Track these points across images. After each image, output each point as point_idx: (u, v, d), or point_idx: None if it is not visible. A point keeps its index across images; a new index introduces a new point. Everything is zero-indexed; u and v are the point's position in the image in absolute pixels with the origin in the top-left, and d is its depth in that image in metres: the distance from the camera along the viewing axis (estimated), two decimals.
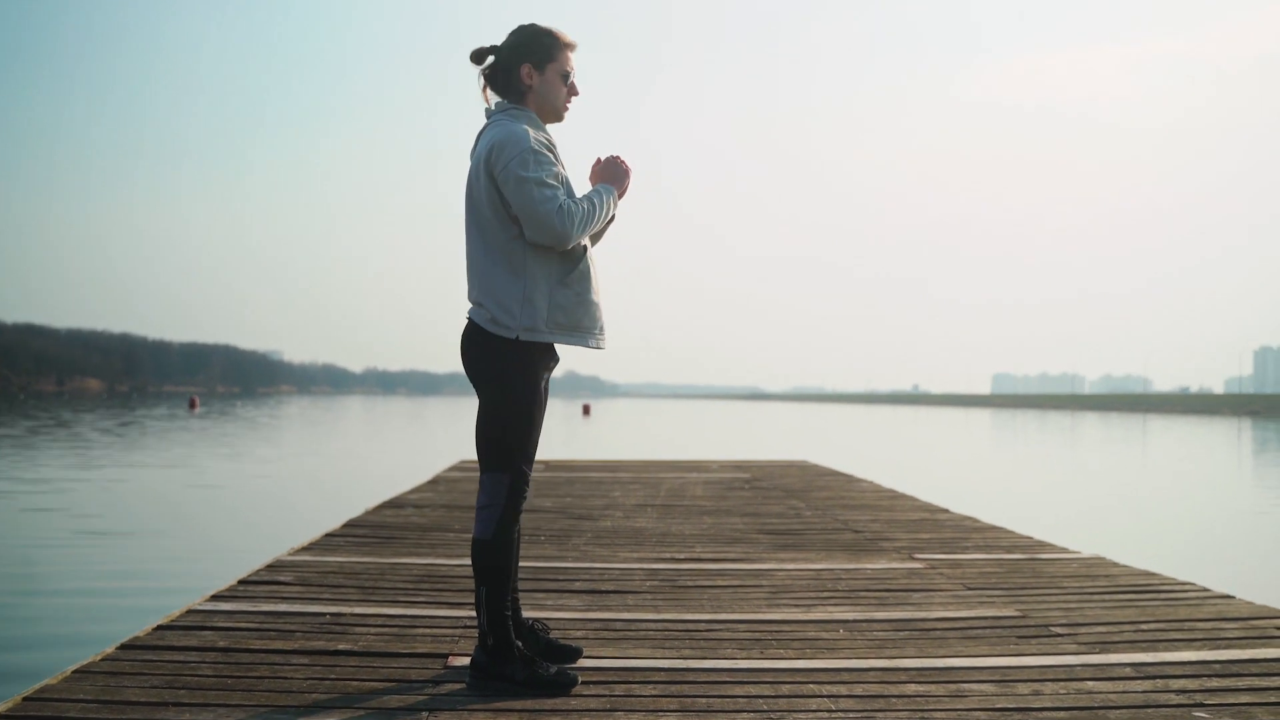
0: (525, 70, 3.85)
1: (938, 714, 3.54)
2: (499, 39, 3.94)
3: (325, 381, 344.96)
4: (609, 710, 3.56)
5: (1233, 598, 5.53)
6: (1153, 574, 6.30)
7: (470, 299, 3.87)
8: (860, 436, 46.15)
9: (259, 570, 6.07)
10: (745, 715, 3.52)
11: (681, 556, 6.86)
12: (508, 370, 3.78)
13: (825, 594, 5.64)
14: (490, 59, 3.92)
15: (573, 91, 3.95)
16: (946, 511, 9.68)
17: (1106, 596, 5.59)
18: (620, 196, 3.99)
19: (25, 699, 3.53)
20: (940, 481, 20.18)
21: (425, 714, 3.49)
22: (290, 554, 6.70)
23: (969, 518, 9.19)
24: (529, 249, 3.75)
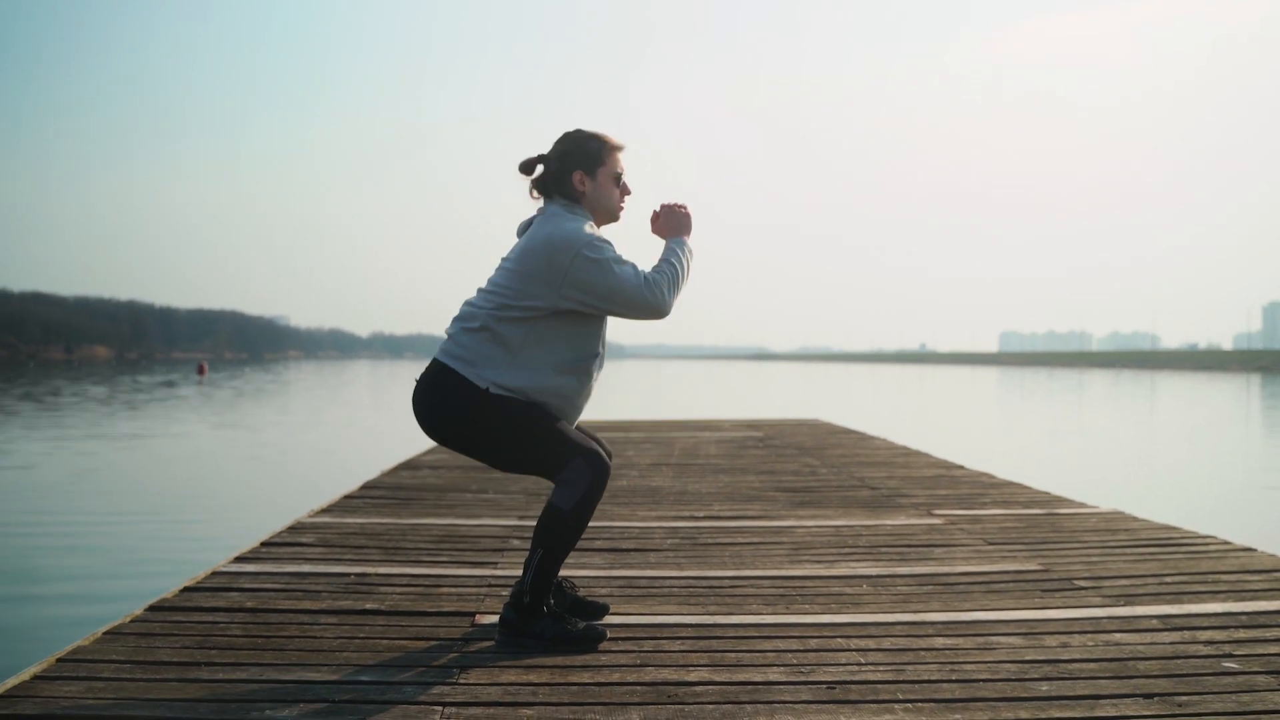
0: (577, 177, 3.84)
1: (968, 666, 3.55)
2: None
3: (332, 346, 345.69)
4: (639, 665, 3.57)
5: (1255, 550, 5.52)
6: (1173, 528, 6.30)
7: (449, 330, 3.83)
8: (869, 395, 46.17)
9: (280, 532, 6.09)
10: (775, 669, 3.53)
11: (700, 514, 6.87)
12: (470, 408, 3.72)
13: (846, 550, 5.65)
14: (539, 169, 3.91)
15: (625, 191, 3.93)
16: (962, 468, 9.68)
17: (1128, 550, 5.59)
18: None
19: (59, 660, 3.54)
20: (952, 438, 20.19)
21: (457, 670, 3.51)
22: (310, 516, 6.72)
23: (985, 474, 9.19)
24: (543, 333, 3.72)
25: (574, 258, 3.65)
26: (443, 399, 3.77)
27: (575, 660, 3.61)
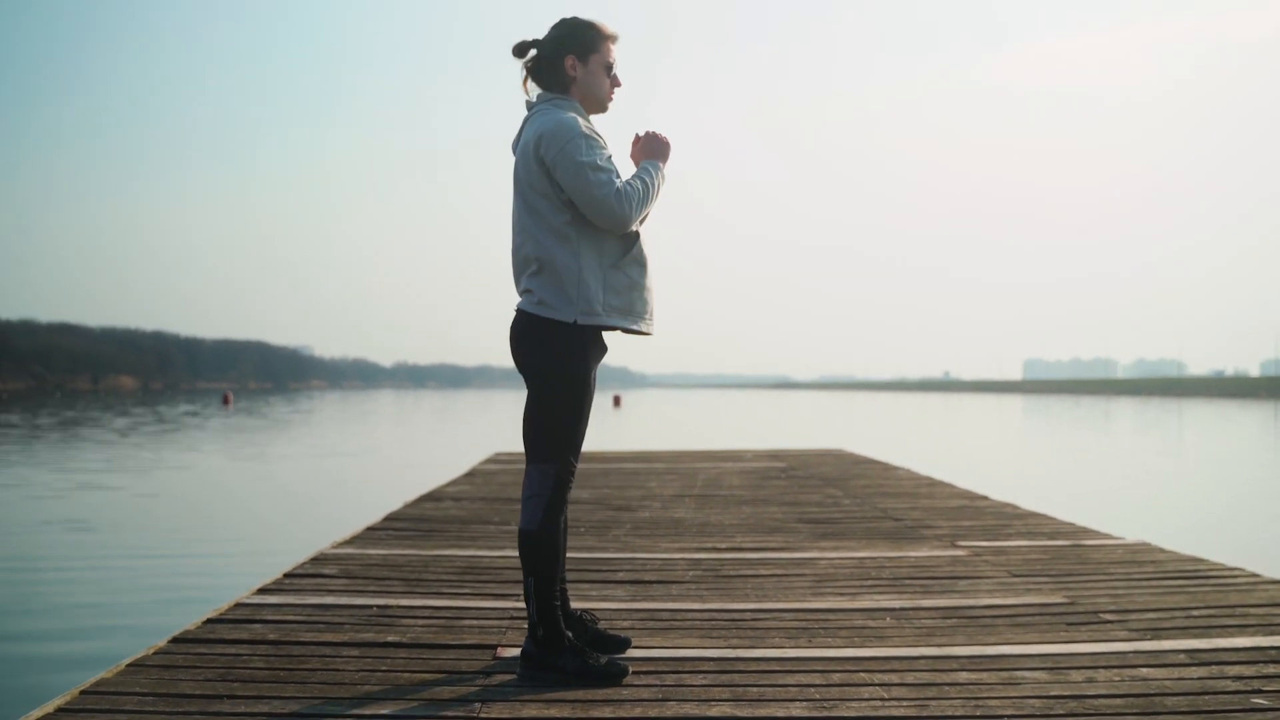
0: (569, 62, 3.88)
1: (992, 701, 3.52)
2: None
3: (356, 376, 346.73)
4: (661, 700, 3.55)
5: None
6: (1200, 559, 6.24)
7: (520, 289, 3.86)
8: (893, 424, 45.98)
9: (303, 564, 6.10)
10: (798, 704, 3.51)
11: (723, 546, 6.85)
12: (561, 359, 3.77)
13: (870, 582, 5.62)
14: (533, 52, 3.95)
15: (615, 83, 3.98)
16: (986, 499, 9.63)
17: (1155, 582, 5.54)
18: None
19: (83, 692, 3.56)
20: (976, 468, 20.08)
21: (478, 705, 3.50)
22: (333, 547, 6.73)
23: (1009, 505, 9.13)
24: (582, 234, 3.76)
25: (558, 153, 3.69)
26: (532, 343, 3.81)
27: (596, 694, 3.60)
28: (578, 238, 3.76)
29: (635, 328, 3.85)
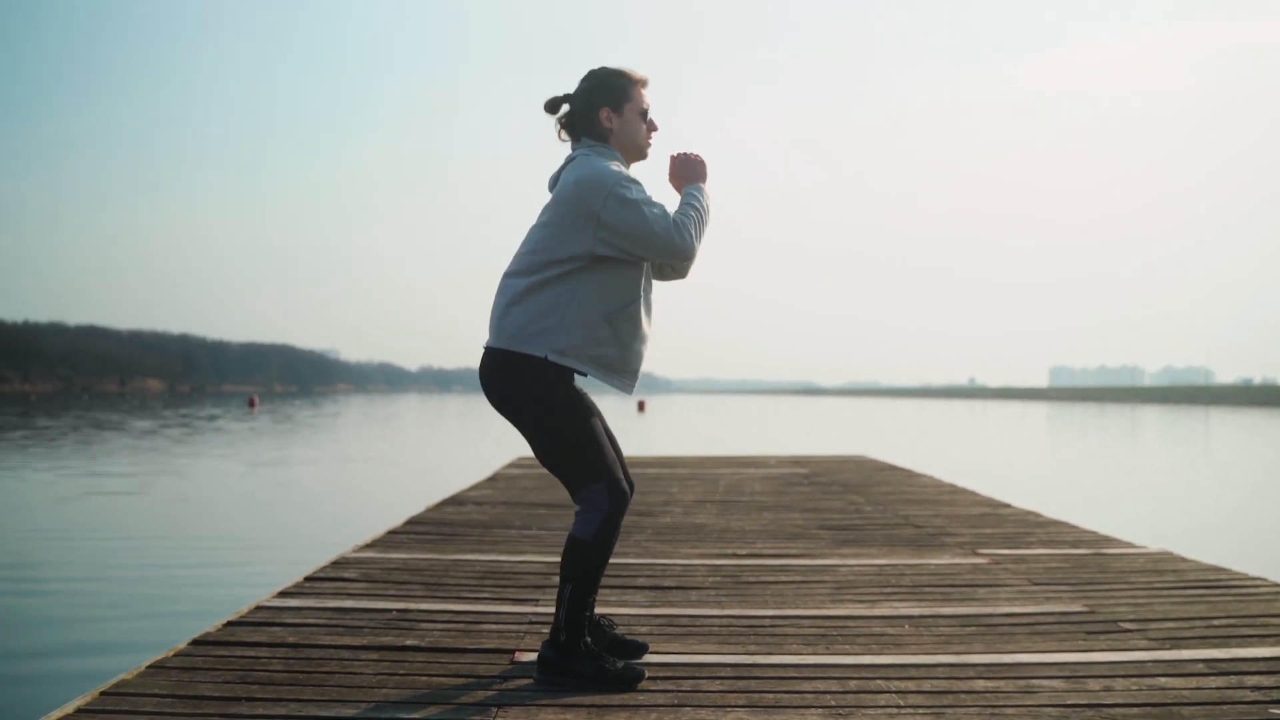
0: (604, 115, 3.85)
1: (1008, 710, 3.51)
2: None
3: (381, 380, 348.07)
4: (676, 706, 3.56)
5: None
6: (1222, 569, 6.21)
7: (492, 327, 3.82)
8: (917, 431, 45.82)
9: (324, 567, 6.14)
10: (813, 711, 3.51)
11: (743, 552, 6.85)
12: (540, 387, 3.73)
13: (889, 589, 5.61)
14: (565, 107, 3.93)
15: (652, 128, 3.94)
16: (1009, 506, 9.59)
17: (1175, 592, 5.52)
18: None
19: (103, 693, 3.59)
20: (1000, 476, 20.00)
21: (494, 709, 3.52)
22: (354, 551, 6.77)
23: (1031, 512, 9.10)
24: (583, 282, 3.72)
25: (606, 198, 3.65)
26: (505, 379, 3.77)
27: (613, 699, 3.61)
28: (577, 283, 3.72)
29: (608, 381, 3.81)
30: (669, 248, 3.69)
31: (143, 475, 19.76)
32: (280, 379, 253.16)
